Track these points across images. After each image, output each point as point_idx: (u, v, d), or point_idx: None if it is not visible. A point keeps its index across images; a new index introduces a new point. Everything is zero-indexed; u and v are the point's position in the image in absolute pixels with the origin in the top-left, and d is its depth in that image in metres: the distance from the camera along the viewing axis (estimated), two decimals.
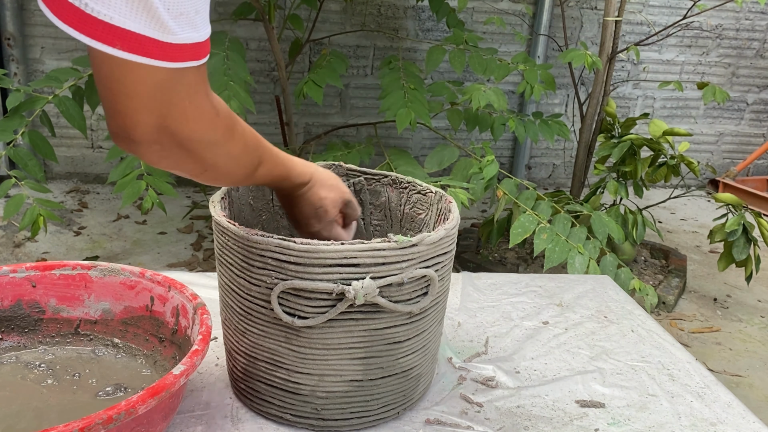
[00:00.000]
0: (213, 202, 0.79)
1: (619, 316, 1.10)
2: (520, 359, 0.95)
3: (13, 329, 0.83)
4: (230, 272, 0.74)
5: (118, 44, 0.49)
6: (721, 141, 4.00)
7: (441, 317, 0.81)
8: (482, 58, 2.20)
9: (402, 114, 2.01)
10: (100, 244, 2.59)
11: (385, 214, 0.96)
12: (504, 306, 1.11)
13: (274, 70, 3.22)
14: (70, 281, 0.83)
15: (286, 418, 0.76)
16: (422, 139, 3.55)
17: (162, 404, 0.63)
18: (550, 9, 3.39)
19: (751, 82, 3.90)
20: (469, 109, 2.30)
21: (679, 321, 2.33)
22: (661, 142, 2.37)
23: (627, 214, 2.35)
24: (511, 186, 2.04)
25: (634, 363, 0.96)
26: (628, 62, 3.69)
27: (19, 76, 3.00)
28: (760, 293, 2.60)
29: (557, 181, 3.86)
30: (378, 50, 3.35)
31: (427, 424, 0.79)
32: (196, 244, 2.65)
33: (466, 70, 3.39)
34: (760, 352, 2.16)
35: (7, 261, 2.36)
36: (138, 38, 0.49)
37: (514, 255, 2.62)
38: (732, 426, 0.83)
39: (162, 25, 0.49)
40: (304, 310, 0.70)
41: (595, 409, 0.84)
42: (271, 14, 2.11)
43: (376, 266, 0.68)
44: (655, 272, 2.59)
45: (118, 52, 0.49)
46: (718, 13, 3.66)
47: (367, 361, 0.73)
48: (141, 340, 0.83)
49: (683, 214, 3.50)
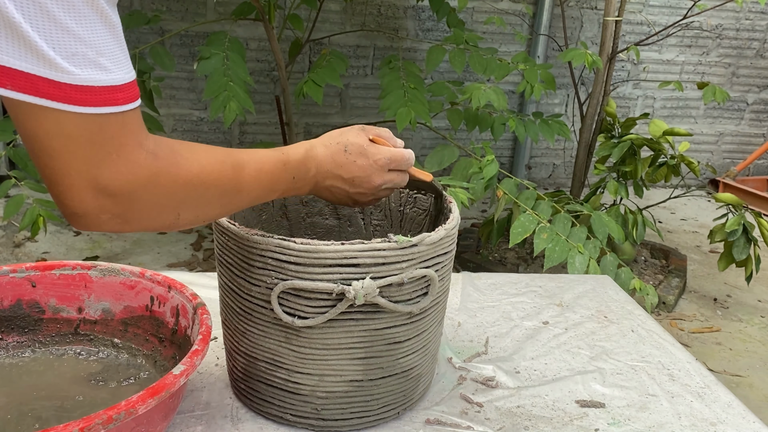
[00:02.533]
0: None
1: (619, 316, 1.10)
2: (520, 359, 0.95)
3: (13, 329, 0.83)
4: (230, 272, 0.74)
5: (8, 84, 0.46)
6: (721, 141, 4.00)
7: (441, 317, 0.81)
8: (482, 57, 2.20)
9: (402, 113, 2.01)
10: (100, 244, 2.59)
11: (385, 214, 0.96)
12: (504, 306, 1.11)
13: (274, 70, 3.22)
14: (70, 281, 0.83)
15: (286, 418, 0.76)
16: (422, 139, 3.54)
17: (162, 404, 0.63)
18: (550, 9, 3.39)
19: (751, 82, 3.90)
20: (469, 109, 2.30)
21: (679, 321, 2.33)
22: (661, 142, 2.37)
23: (627, 214, 2.35)
24: (511, 186, 2.04)
25: (634, 363, 0.96)
26: (628, 62, 3.69)
27: None
28: (760, 293, 2.59)
29: (557, 181, 3.86)
30: (378, 50, 3.35)
31: (427, 424, 0.79)
32: (196, 244, 2.65)
33: (466, 70, 3.39)
34: (760, 352, 2.16)
35: (7, 261, 2.36)
36: (27, 77, 0.46)
37: (514, 255, 2.62)
38: (732, 426, 0.83)
39: (50, 63, 0.46)
40: (304, 310, 0.70)
41: (595, 409, 0.84)
42: (271, 14, 2.11)
43: (376, 266, 0.68)
44: (655, 272, 2.59)
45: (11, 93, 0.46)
46: (718, 13, 3.66)
47: (367, 361, 0.73)
48: (141, 340, 0.83)
49: (683, 214, 3.50)
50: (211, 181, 0.60)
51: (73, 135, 0.49)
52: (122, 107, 0.51)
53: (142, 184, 0.53)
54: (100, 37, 0.49)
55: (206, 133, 3.29)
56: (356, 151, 0.74)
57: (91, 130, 0.49)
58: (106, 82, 0.49)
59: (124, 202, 0.53)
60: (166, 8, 3.03)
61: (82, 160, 0.50)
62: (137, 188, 0.53)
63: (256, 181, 0.65)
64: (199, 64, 1.96)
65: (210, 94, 1.90)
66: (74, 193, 0.51)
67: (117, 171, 0.51)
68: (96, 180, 0.51)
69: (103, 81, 0.49)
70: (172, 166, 0.56)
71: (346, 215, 0.98)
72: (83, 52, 0.48)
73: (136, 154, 0.53)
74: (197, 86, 3.18)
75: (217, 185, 0.61)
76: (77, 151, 0.49)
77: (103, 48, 0.49)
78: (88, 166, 0.50)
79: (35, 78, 0.47)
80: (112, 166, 0.51)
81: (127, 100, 0.51)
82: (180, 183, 0.57)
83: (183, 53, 3.10)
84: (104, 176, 0.51)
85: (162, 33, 3.03)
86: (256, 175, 0.65)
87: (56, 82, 0.47)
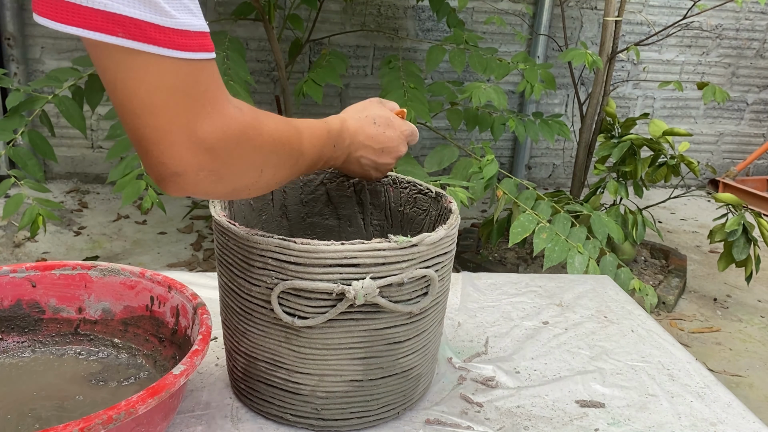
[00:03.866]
0: (213, 202, 0.79)
1: (619, 316, 1.10)
2: (520, 359, 0.95)
3: (13, 329, 0.83)
4: (230, 272, 0.74)
5: (120, 32, 0.46)
6: (721, 141, 4.00)
7: (441, 317, 0.81)
8: (482, 57, 2.20)
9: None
10: (100, 244, 2.59)
11: (385, 214, 0.96)
12: (504, 306, 1.11)
13: (274, 70, 3.22)
14: (70, 281, 0.83)
15: (286, 418, 0.76)
16: (422, 139, 3.55)
17: (162, 404, 0.63)
18: (550, 9, 3.39)
19: (751, 82, 3.90)
20: (469, 109, 2.30)
21: (679, 321, 2.33)
22: (661, 142, 2.37)
23: (627, 214, 2.35)
24: (511, 186, 2.04)
25: (634, 363, 0.96)
26: (628, 62, 3.69)
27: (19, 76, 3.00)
28: (760, 293, 2.60)
29: (557, 181, 3.86)
30: (378, 50, 3.35)
31: (427, 424, 0.79)
32: (196, 244, 2.65)
33: (466, 70, 3.39)
34: (760, 352, 2.16)
35: (7, 261, 2.36)
36: (136, 23, 0.46)
37: (514, 255, 2.62)
38: (732, 426, 0.83)
39: (156, 7, 0.47)
40: (304, 310, 0.70)
41: (595, 409, 0.84)
42: (271, 14, 2.11)
43: (376, 266, 0.68)
44: (655, 272, 2.59)
45: (122, 41, 0.46)
46: (718, 13, 3.66)
47: (367, 361, 0.73)
48: (141, 340, 0.83)
49: (683, 214, 3.50)
50: (284, 141, 0.62)
51: (173, 87, 0.49)
52: (212, 54, 0.51)
53: (236, 138, 0.54)
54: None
55: None
56: (384, 123, 0.80)
57: (189, 82, 0.50)
58: (198, 27, 0.50)
59: (221, 157, 0.53)
60: None
61: (183, 113, 0.50)
62: (231, 142, 0.54)
63: (311, 146, 0.69)
64: None
65: None
66: (175, 149, 0.51)
67: (213, 124, 0.52)
68: (196, 134, 0.51)
69: (195, 26, 0.50)
70: (256, 122, 0.57)
71: (346, 215, 0.98)
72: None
73: (227, 107, 0.54)
74: None
75: (290, 146, 0.63)
76: (178, 104, 0.50)
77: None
78: (187, 119, 0.50)
79: (144, 24, 0.47)
80: (208, 120, 0.52)
81: (212, 48, 0.52)
82: (264, 139, 0.58)
83: None
84: (203, 129, 0.51)
85: None
86: (311, 140, 0.69)
87: (162, 27, 0.47)
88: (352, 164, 0.80)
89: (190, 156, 0.52)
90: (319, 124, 0.71)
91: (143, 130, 0.51)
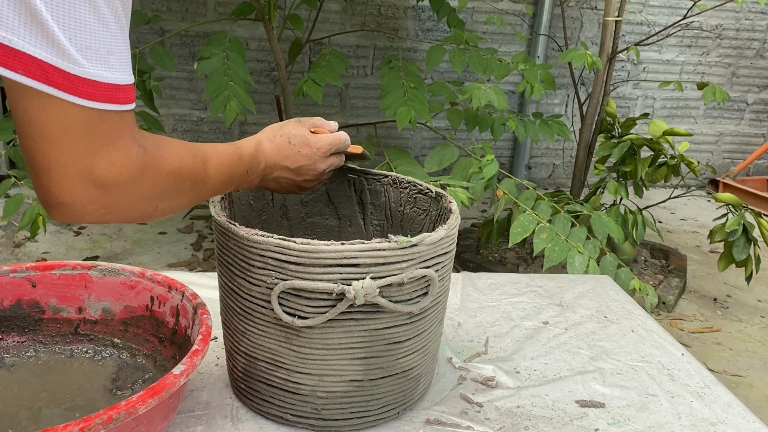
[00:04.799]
0: (213, 202, 0.79)
1: (619, 316, 1.10)
2: (520, 359, 0.95)
3: (13, 329, 0.83)
4: (230, 272, 0.74)
5: (20, 69, 0.46)
6: (721, 141, 4.00)
7: (441, 317, 0.81)
8: (482, 57, 2.20)
9: (402, 112, 2.01)
10: (100, 244, 2.59)
11: (385, 214, 0.96)
12: (504, 306, 1.11)
13: (274, 70, 3.22)
14: (70, 281, 0.83)
15: (286, 418, 0.76)
16: (422, 139, 3.55)
17: (162, 404, 0.63)
18: (550, 9, 3.39)
19: (751, 82, 3.90)
20: (469, 109, 2.30)
21: (679, 321, 2.33)
22: (661, 142, 2.37)
23: (627, 214, 2.35)
24: (511, 186, 2.04)
25: (634, 363, 0.96)
26: (628, 62, 3.69)
27: None
28: (760, 293, 2.60)
29: (557, 181, 3.86)
30: (378, 50, 3.35)
31: (427, 424, 0.79)
32: (196, 244, 2.65)
33: (466, 70, 3.39)
34: (760, 352, 2.16)
35: (7, 261, 2.36)
36: (39, 64, 0.46)
37: (514, 255, 2.62)
38: (732, 426, 0.83)
39: (63, 53, 0.47)
40: (304, 310, 0.70)
41: (595, 409, 0.84)
42: (271, 14, 2.11)
43: (376, 266, 0.68)
44: (655, 272, 2.59)
45: (21, 77, 0.46)
46: (718, 13, 3.66)
47: (367, 361, 0.73)
48: (141, 340, 0.83)
49: (683, 214, 3.50)
50: (186, 173, 0.62)
51: (73, 124, 0.50)
52: (122, 106, 0.52)
53: (133, 177, 0.54)
54: (112, 36, 0.50)
55: (206, 133, 3.29)
56: (300, 142, 0.79)
57: (92, 121, 0.50)
58: (112, 80, 0.50)
59: (113, 194, 0.54)
60: (166, 8, 3.03)
61: (80, 148, 0.51)
62: (127, 180, 0.54)
63: (218, 173, 0.68)
64: (199, 64, 1.96)
65: (210, 94, 1.91)
66: (66, 181, 0.51)
67: (111, 162, 0.52)
68: (90, 170, 0.51)
69: (109, 78, 0.50)
70: (157, 160, 0.58)
71: (346, 215, 0.98)
72: (96, 47, 0.49)
73: (130, 147, 0.54)
74: (197, 86, 3.18)
75: (191, 177, 0.63)
76: (76, 139, 0.50)
77: (113, 47, 0.50)
78: (84, 154, 0.51)
79: (47, 66, 0.47)
80: (107, 158, 0.52)
81: (126, 101, 0.52)
82: (163, 175, 0.59)
83: (183, 53, 3.10)
84: (99, 167, 0.52)
85: (162, 33, 3.03)
86: (219, 168, 0.68)
87: (67, 72, 0.48)
88: (270, 184, 0.80)
89: (80, 190, 0.52)
90: (230, 150, 0.71)
91: (37, 156, 0.51)
